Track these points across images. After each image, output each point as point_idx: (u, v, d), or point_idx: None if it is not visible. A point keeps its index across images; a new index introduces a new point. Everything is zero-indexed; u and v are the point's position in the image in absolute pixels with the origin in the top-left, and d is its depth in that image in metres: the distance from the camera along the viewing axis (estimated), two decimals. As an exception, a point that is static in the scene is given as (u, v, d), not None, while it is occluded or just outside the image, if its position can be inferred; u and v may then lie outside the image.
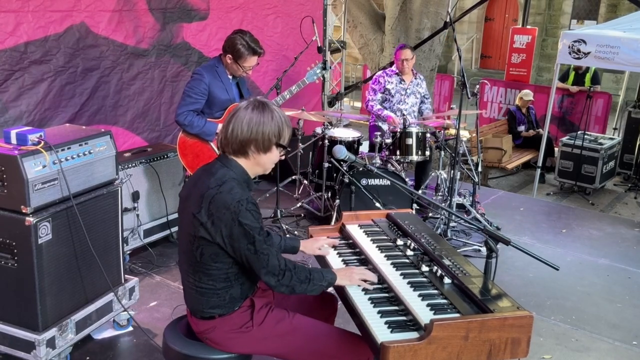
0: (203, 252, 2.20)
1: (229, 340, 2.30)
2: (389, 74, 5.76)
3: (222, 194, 2.14)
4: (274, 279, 2.19)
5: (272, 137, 2.24)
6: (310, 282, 2.25)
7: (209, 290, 2.26)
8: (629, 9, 12.52)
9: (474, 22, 17.10)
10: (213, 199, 2.14)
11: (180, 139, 4.19)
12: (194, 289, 2.29)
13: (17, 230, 2.75)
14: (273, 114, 2.25)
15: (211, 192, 2.16)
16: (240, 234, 2.13)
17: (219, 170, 2.24)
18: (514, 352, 2.02)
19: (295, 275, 2.22)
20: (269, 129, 2.23)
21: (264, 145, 2.24)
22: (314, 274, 2.28)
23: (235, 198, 2.13)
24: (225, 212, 2.12)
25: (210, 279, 2.24)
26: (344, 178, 4.93)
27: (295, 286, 2.23)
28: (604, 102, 9.14)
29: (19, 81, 3.96)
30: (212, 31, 5.35)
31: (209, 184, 2.19)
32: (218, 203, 2.13)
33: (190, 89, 4.06)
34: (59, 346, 2.94)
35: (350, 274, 2.35)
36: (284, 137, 2.28)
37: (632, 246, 5.27)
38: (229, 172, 2.23)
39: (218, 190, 2.15)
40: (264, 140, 2.23)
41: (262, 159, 2.28)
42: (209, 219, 2.14)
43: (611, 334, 3.78)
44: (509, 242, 2.20)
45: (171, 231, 4.62)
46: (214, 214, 2.13)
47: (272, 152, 2.28)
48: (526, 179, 8.80)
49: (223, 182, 2.18)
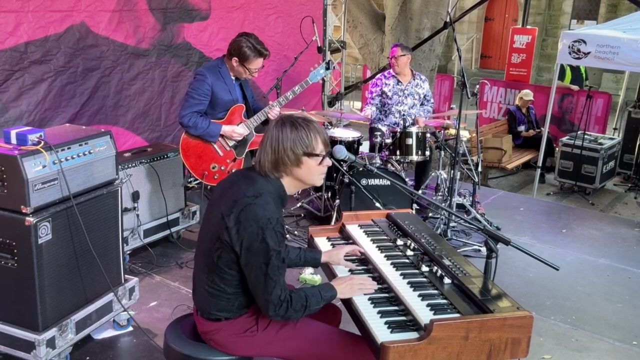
0: (221, 255, 2.19)
1: (233, 344, 2.31)
2: (386, 76, 5.75)
3: (256, 206, 2.12)
4: (272, 308, 2.15)
5: (297, 149, 2.21)
6: (306, 309, 2.22)
7: (220, 293, 2.26)
8: (629, 9, 12.52)
9: (474, 22, 17.10)
10: (245, 208, 2.13)
11: (183, 140, 4.19)
12: (205, 288, 2.28)
13: (17, 230, 2.75)
14: (295, 126, 2.23)
15: (246, 200, 2.14)
16: (260, 251, 2.11)
17: (258, 180, 2.23)
18: (514, 352, 2.03)
19: (291, 307, 2.18)
20: (289, 143, 2.20)
21: (291, 159, 2.21)
22: (311, 300, 2.24)
23: (266, 215, 2.11)
24: (253, 224, 2.11)
25: (223, 283, 2.24)
26: (344, 178, 4.93)
27: (291, 316, 2.20)
28: (604, 102, 9.13)
29: (19, 81, 3.96)
30: (213, 31, 5.35)
31: (246, 191, 2.17)
32: (249, 214, 2.12)
33: (194, 90, 4.06)
34: (59, 346, 2.94)
35: (350, 287, 2.31)
36: (312, 146, 2.23)
37: (632, 246, 5.27)
38: (268, 186, 2.21)
39: (253, 201, 2.14)
40: (288, 155, 2.20)
41: (299, 173, 2.25)
42: (236, 226, 2.13)
43: (611, 334, 3.78)
44: (509, 242, 2.20)
45: (171, 231, 4.62)
46: (241, 223, 2.12)
47: (307, 164, 2.24)
48: (526, 179, 8.80)
49: (260, 194, 2.16)
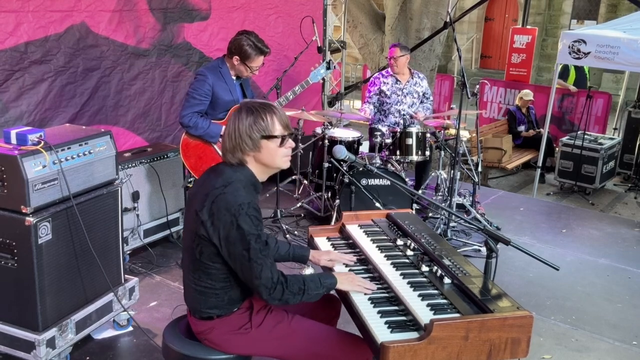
0: (202, 250, 2.20)
1: (228, 342, 2.30)
2: (385, 75, 5.76)
3: (226, 195, 2.13)
4: (265, 291, 2.14)
5: (254, 133, 2.19)
6: (304, 293, 2.21)
7: (208, 289, 2.25)
8: (629, 9, 12.52)
9: (474, 22, 17.10)
10: (216, 198, 2.14)
11: (183, 140, 4.19)
12: (194, 287, 2.29)
13: (17, 230, 2.75)
14: (251, 111, 2.21)
15: (216, 191, 2.15)
16: (237, 238, 2.11)
17: (226, 171, 2.23)
18: (514, 352, 2.03)
19: (287, 288, 2.17)
20: (245, 128, 2.19)
21: (249, 145, 2.20)
22: (309, 284, 2.23)
23: (237, 201, 2.11)
24: (225, 213, 2.11)
25: (209, 279, 2.24)
26: (344, 178, 4.93)
27: (289, 299, 2.19)
28: (604, 102, 9.13)
29: (19, 81, 3.96)
30: (213, 31, 5.35)
31: (215, 183, 2.18)
32: (220, 204, 2.12)
33: (194, 90, 4.06)
34: (59, 346, 2.94)
35: (352, 279, 2.33)
36: (268, 129, 2.21)
37: (632, 246, 5.27)
38: (236, 174, 2.21)
39: (223, 190, 2.14)
40: (246, 141, 2.20)
41: (261, 157, 2.24)
42: (210, 218, 2.14)
43: (611, 334, 3.78)
44: (509, 242, 2.21)
45: (171, 231, 4.62)
46: (214, 214, 2.13)
47: (267, 147, 2.22)
48: (526, 179, 8.80)
49: (229, 183, 2.17)
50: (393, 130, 5.30)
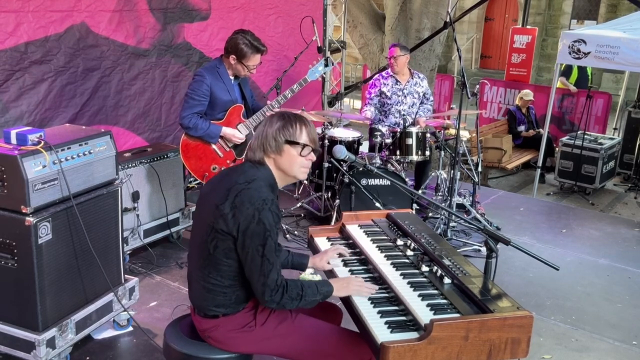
0: (217, 245, 2.21)
1: (231, 340, 2.31)
2: (384, 76, 5.74)
3: (250, 190, 2.18)
4: (268, 292, 2.16)
5: (279, 136, 2.27)
6: (302, 298, 2.23)
7: (216, 287, 2.26)
8: (629, 9, 12.52)
9: (474, 22, 17.10)
10: (240, 192, 2.18)
11: (183, 141, 4.19)
12: (202, 284, 2.29)
13: (17, 230, 2.75)
14: (284, 117, 2.30)
15: (240, 186, 2.20)
16: (256, 232, 2.14)
17: (249, 169, 2.28)
18: (514, 352, 2.03)
19: (287, 293, 2.19)
20: (273, 130, 2.28)
21: (272, 146, 2.27)
22: (307, 290, 2.25)
23: (261, 196, 2.16)
24: (249, 206, 2.15)
25: (219, 275, 2.25)
26: (344, 178, 4.93)
27: (286, 304, 2.21)
28: (604, 102, 9.14)
29: (19, 81, 3.97)
30: (213, 31, 5.35)
31: (238, 179, 2.23)
32: (244, 197, 2.16)
33: (193, 91, 4.06)
34: (59, 346, 2.94)
35: (347, 285, 2.33)
36: (294, 135, 2.28)
37: (632, 246, 5.27)
38: (259, 172, 2.27)
39: (247, 186, 2.19)
40: (270, 142, 2.27)
41: (280, 161, 2.29)
42: (232, 211, 2.16)
43: (611, 334, 3.78)
44: (509, 242, 2.21)
45: (171, 231, 4.62)
46: (237, 207, 2.16)
47: (288, 152, 2.28)
48: (526, 179, 8.80)
49: (253, 180, 2.22)
50: (393, 130, 5.30)
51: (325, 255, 2.62)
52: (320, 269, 2.62)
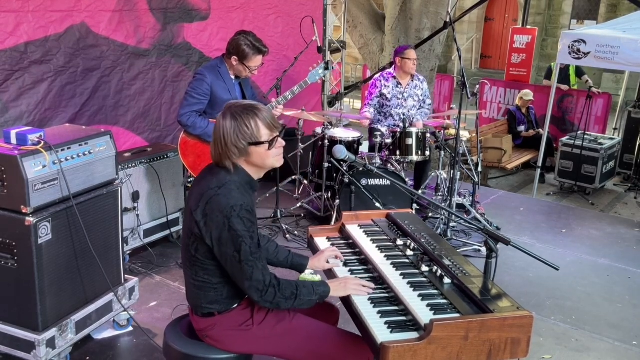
0: (198, 248, 2.22)
1: (229, 338, 2.30)
2: (385, 77, 5.71)
3: (219, 197, 2.14)
4: (257, 294, 2.15)
5: (240, 142, 2.17)
6: (297, 298, 2.21)
7: (205, 284, 2.27)
8: (629, 9, 12.51)
9: (474, 22, 17.10)
10: (210, 200, 2.15)
11: (182, 139, 4.19)
12: (192, 283, 2.30)
13: (17, 230, 2.75)
14: (234, 117, 2.18)
15: (210, 192, 2.17)
16: (229, 240, 2.12)
17: (221, 172, 2.23)
18: (514, 352, 2.03)
19: (279, 292, 2.17)
20: (231, 138, 2.17)
21: (236, 153, 2.20)
22: (302, 290, 2.23)
23: (229, 203, 2.12)
24: (218, 214, 2.12)
25: (206, 274, 2.25)
26: (344, 178, 4.93)
27: (280, 303, 2.19)
28: (604, 102, 9.14)
29: (19, 81, 3.96)
30: (213, 31, 5.35)
31: (210, 184, 2.20)
32: (213, 205, 2.14)
33: (193, 89, 4.06)
34: (59, 346, 2.94)
35: (345, 285, 2.32)
36: (255, 135, 2.18)
37: (632, 246, 5.27)
38: (230, 175, 2.22)
39: (216, 192, 2.16)
40: (232, 150, 2.18)
41: (252, 160, 2.24)
42: (203, 219, 2.16)
43: (611, 334, 3.78)
44: (509, 242, 2.21)
45: (171, 231, 4.62)
46: (208, 215, 2.14)
47: (256, 152, 2.21)
48: (526, 179, 8.81)
49: (223, 184, 2.18)
50: (393, 130, 5.30)
51: (322, 256, 2.62)
52: (320, 269, 2.62)
